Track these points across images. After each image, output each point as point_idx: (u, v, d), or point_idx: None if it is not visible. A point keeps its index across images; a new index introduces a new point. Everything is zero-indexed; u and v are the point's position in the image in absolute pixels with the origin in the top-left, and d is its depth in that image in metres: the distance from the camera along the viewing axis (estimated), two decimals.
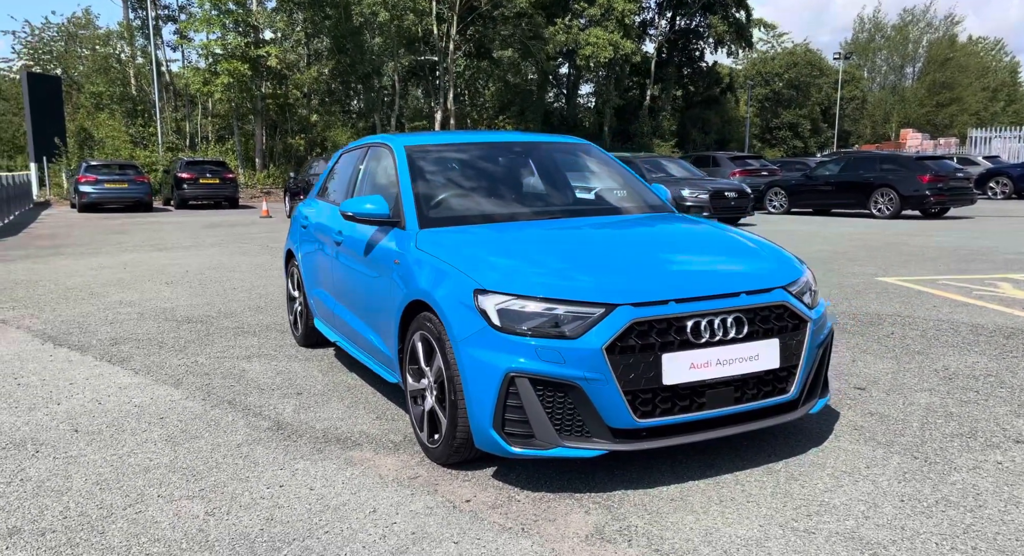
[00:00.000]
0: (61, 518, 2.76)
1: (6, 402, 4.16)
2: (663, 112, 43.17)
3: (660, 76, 44.25)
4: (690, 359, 2.89)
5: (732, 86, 51.96)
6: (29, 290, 8.06)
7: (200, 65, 28.83)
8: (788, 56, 60.68)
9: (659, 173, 16.68)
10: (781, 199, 19.58)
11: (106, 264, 10.21)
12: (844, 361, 4.79)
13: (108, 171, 21.75)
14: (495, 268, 3.06)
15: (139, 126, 30.30)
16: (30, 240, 14.18)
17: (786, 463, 3.22)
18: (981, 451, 3.30)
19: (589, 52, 33.01)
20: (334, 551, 2.51)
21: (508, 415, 2.87)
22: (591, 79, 41.79)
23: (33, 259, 10.97)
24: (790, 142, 58.31)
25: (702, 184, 15.63)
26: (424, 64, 32.80)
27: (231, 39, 26.56)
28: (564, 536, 2.62)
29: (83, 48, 37.18)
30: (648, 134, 39.63)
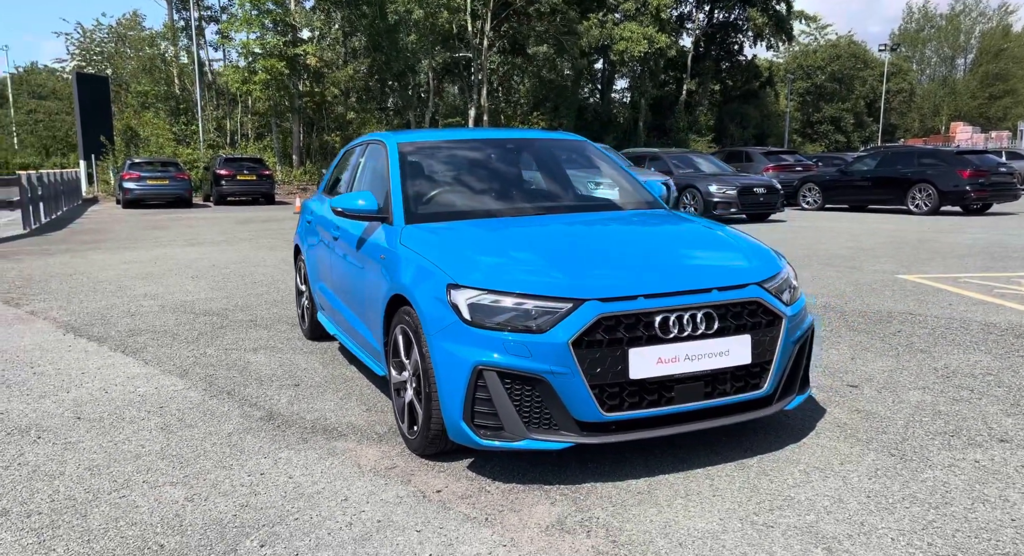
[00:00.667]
0: (49, 501, 2.90)
1: (19, 390, 4.36)
2: (700, 107, 42.72)
3: (697, 70, 43.78)
4: (657, 354, 2.92)
5: (771, 80, 51.18)
6: (62, 283, 8.36)
7: (240, 64, 29.40)
8: (831, 48, 59.55)
9: (687, 169, 16.57)
10: (815, 195, 19.26)
11: (139, 259, 10.52)
12: (843, 358, 4.75)
13: (151, 168, 22.34)
14: (469, 263, 3.13)
15: (182, 124, 31.05)
16: (73, 235, 14.66)
17: (760, 459, 3.23)
18: (961, 450, 3.27)
19: (623, 47, 32.82)
20: (300, 537, 2.60)
21: (477, 407, 2.93)
22: (626, 74, 41.51)
23: (72, 253, 11.35)
24: (832, 137, 57.25)
25: (730, 180, 15.48)
26: (459, 61, 32.98)
27: (269, 38, 27.06)
28: (525, 526, 2.68)
29: (131, 49, 38.16)
30: (684, 129, 39.26)
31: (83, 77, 28.33)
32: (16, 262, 10.33)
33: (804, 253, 10.18)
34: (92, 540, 2.58)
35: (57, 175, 20.59)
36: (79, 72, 28.72)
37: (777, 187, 15.78)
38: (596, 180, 4.63)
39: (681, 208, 15.67)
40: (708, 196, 15.11)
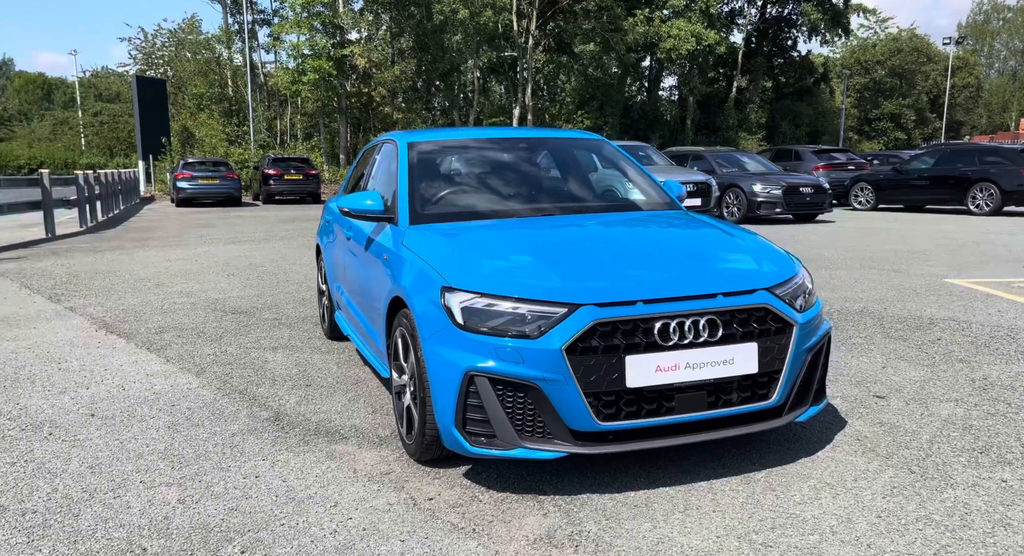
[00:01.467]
0: (45, 500, 2.92)
1: (42, 385, 4.44)
2: (750, 104, 41.83)
3: (748, 67, 42.91)
4: (656, 362, 2.80)
5: (827, 76, 49.89)
6: (105, 280, 8.57)
7: (290, 65, 29.95)
8: (891, 42, 57.77)
9: (731, 168, 16.22)
10: (868, 195, 18.68)
11: (182, 256, 10.74)
12: (873, 367, 4.54)
13: (203, 168, 22.90)
14: (464, 266, 3.05)
15: (234, 125, 31.77)
16: (125, 232, 15.07)
17: (768, 472, 3.08)
18: (989, 468, 3.07)
19: (670, 45, 32.30)
20: (283, 543, 2.57)
21: (469, 414, 2.86)
22: (674, 71, 40.88)
23: (120, 251, 11.65)
24: (891, 134, 55.54)
25: (776, 179, 15.10)
26: (504, 60, 32.94)
27: (318, 39, 27.48)
28: (513, 538, 2.60)
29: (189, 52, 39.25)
30: (734, 127, 38.49)
31: (142, 80, 29.22)
32: (67, 259, 10.64)
33: (847, 255, 9.85)
34: (79, 541, 2.59)
35: (115, 175, 21.22)
36: (139, 76, 29.65)
37: (825, 187, 15.34)
38: (614, 181, 4.48)
39: (724, 208, 15.35)
40: (752, 196, 14.77)
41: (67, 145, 51.97)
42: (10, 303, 7.16)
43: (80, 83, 58.64)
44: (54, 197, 14.81)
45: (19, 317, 6.48)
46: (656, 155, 15.77)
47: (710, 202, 13.77)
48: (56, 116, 59.50)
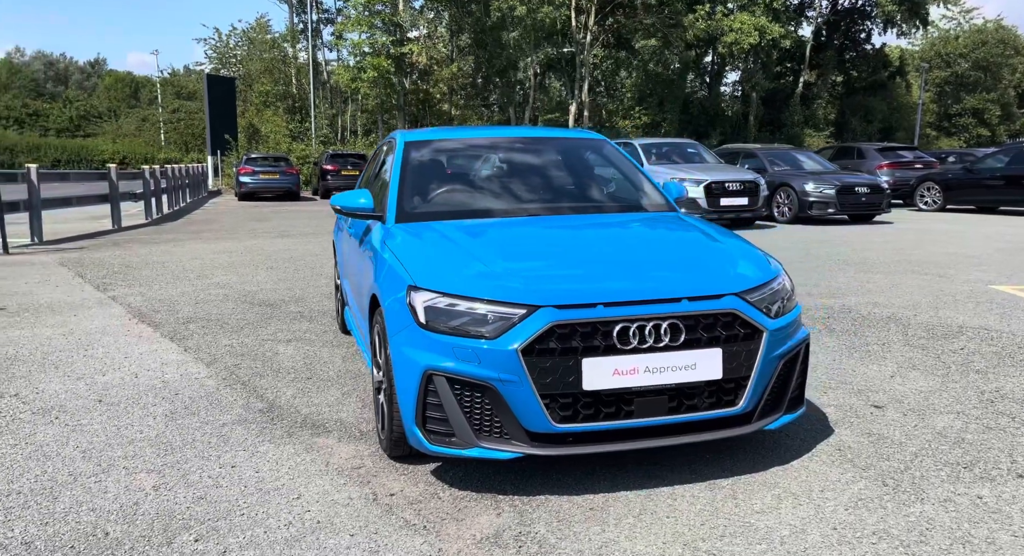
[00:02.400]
0: (32, 482, 3.09)
1: (64, 371, 4.68)
2: (818, 100, 40.54)
3: (817, 61, 41.56)
4: (614, 365, 2.79)
5: (903, 69, 47.97)
6: (152, 270, 8.94)
7: (350, 63, 30.57)
8: (975, 34, 55.16)
9: (784, 166, 15.83)
10: (935, 194, 17.96)
11: (229, 249, 11.10)
12: (881, 375, 4.40)
13: (264, 163, 23.59)
14: (431, 265, 3.09)
15: (297, 121, 32.61)
16: (185, 225, 15.67)
17: (735, 480, 3.03)
18: (968, 483, 2.95)
19: (732, 39, 31.57)
20: (236, 534, 2.65)
21: (429, 413, 2.90)
22: (736, 66, 39.94)
23: (175, 242, 12.12)
24: (973, 130, 53.07)
25: (829, 178, 14.66)
26: (562, 56, 32.84)
27: (378, 37, 27.97)
28: (460, 537, 2.63)
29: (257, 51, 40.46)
30: (799, 123, 37.37)
31: (213, 78, 30.26)
32: (124, 249, 11.13)
33: (895, 258, 9.52)
34: (50, 523, 2.73)
35: (183, 169, 22.06)
36: (209, 74, 30.71)
37: (883, 186, 14.83)
38: (609, 181, 4.45)
39: (775, 208, 14.99)
40: (803, 195, 14.39)
41: (148, 141, 54.35)
42: (61, 291, 7.54)
43: (161, 82, 61.15)
44: (121, 190, 15.51)
45: (64, 304, 6.82)
46: (705, 152, 15.52)
47: (757, 201, 13.48)
48: (140, 113, 62.22)
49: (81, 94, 79.16)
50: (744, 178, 13.57)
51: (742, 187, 13.38)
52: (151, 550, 2.53)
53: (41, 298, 7.17)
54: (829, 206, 14.30)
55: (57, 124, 62.29)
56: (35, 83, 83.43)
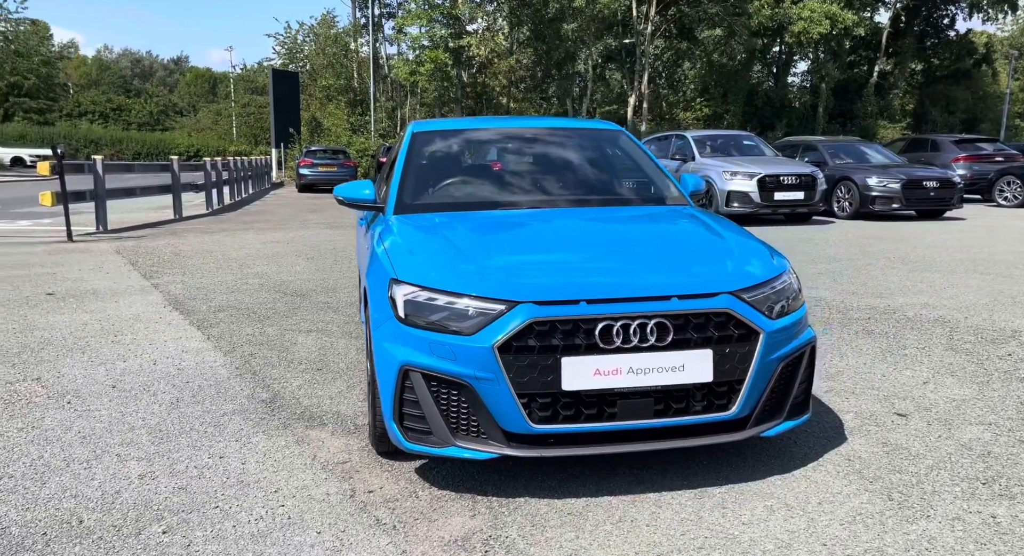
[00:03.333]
0: (28, 465, 3.14)
1: (89, 356, 4.79)
2: (894, 90, 38.88)
3: (894, 49, 39.85)
4: (595, 365, 2.66)
5: (989, 57, 45.63)
6: (199, 259, 9.15)
7: (409, 57, 30.87)
8: None
9: (846, 159, 15.22)
10: (1016, 189, 16.99)
11: (277, 239, 11.30)
12: (914, 382, 4.14)
13: (323, 156, 24.04)
14: (414, 258, 3.02)
15: (358, 114, 33.09)
16: (242, 216, 16.05)
17: (729, 488, 2.87)
18: (984, 501, 2.72)
19: (800, 27, 30.48)
20: (205, 527, 2.63)
21: (406, 409, 2.83)
22: (806, 55, 38.56)
23: (228, 232, 12.41)
24: None
25: (895, 172, 14.01)
26: (621, 48, 32.35)
27: (437, 30, 28.12)
28: (428, 538, 2.55)
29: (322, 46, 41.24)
30: (872, 115, 35.90)
31: (277, 73, 30.97)
32: (179, 239, 11.45)
33: (957, 256, 9.02)
34: (31, 508, 2.76)
35: (246, 161, 22.61)
36: (274, 69, 31.45)
37: (954, 181, 14.09)
38: (620, 173, 4.29)
39: (834, 202, 14.42)
40: (865, 189, 13.80)
41: (220, 134, 56.14)
42: (109, 278, 7.78)
43: (235, 77, 63.03)
44: (184, 181, 15.98)
45: (109, 291, 7.02)
46: (762, 145, 15.05)
47: (814, 196, 12.98)
48: (215, 108, 64.34)
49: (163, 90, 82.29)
50: (801, 171, 13.08)
51: (798, 181, 12.91)
52: (118, 540, 2.53)
53: (90, 284, 7.40)
54: (893, 201, 13.68)
55: (138, 119, 64.86)
56: (122, 80, 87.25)
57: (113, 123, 61.38)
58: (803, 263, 8.58)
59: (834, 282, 7.32)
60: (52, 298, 6.71)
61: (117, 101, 66.11)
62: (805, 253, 9.54)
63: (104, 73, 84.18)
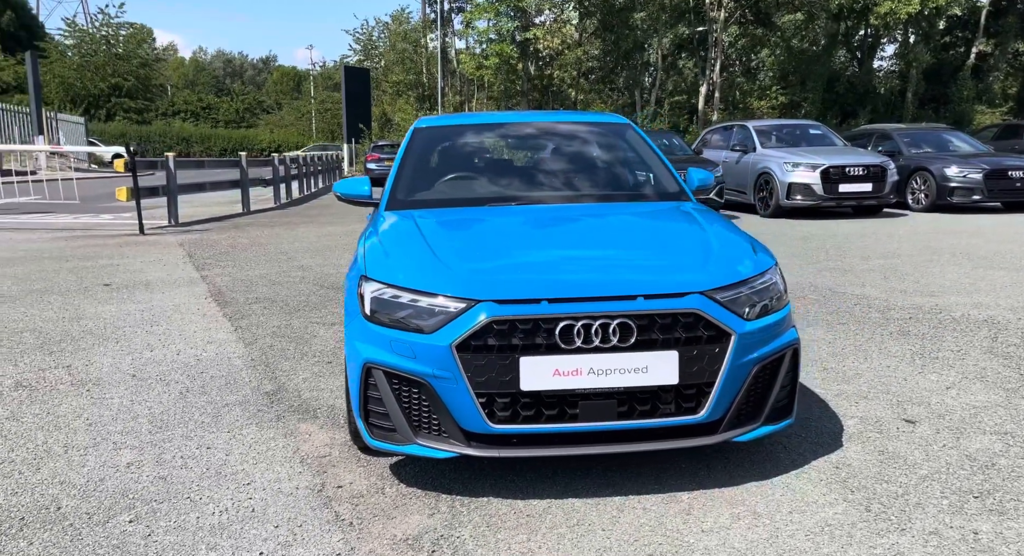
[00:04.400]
0: (29, 451, 3.30)
1: (121, 345, 5.01)
2: (994, 72, 36.57)
3: (995, 28, 37.45)
4: (554, 365, 2.61)
5: None
6: (251, 252, 9.45)
7: (477, 50, 31.01)
8: None
9: (924, 148, 14.45)
10: None
11: (332, 232, 11.54)
12: (936, 386, 3.90)
13: (390, 150, 24.43)
14: (386, 255, 3.02)
15: (426, 109, 33.49)
16: (306, 209, 16.48)
17: (699, 494, 2.77)
18: (969, 516, 2.54)
19: (886, 9, 28.95)
20: (170, 517, 2.67)
21: (371, 407, 2.84)
22: (894, 38, 36.63)
23: (288, 226, 12.76)
24: None
25: (977, 162, 13.22)
26: (693, 36, 31.57)
27: (504, 24, 28.14)
28: (380, 536, 2.55)
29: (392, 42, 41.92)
30: (969, 99, 33.86)
31: (350, 70, 31.70)
32: (240, 232, 11.84)
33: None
34: (19, 493, 2.89)
35: (316, 156, 23.21)
36: (346, 66, 32.24)
37: None
38: (620, 168, 4.18)
39: (908, 194, 13.73)
40: (943, 180, 13.08)
41: (300, 130, 57.87)
42: (165, 269, 8.12)
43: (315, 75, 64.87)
44: (252, 177, 16.52)
45: (160, 282, 7.33)
46: (831, 134, 14.45)
47: (884, 188, 12.39)
48: (296, 105, 66.42)
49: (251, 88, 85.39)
50: (869, 162, 12.50)
51: (866, 172, 12.35)
52: (86, 528, 2.62)
53: (145, 276, 7.74)
54: (974, 192, 12.91)
55: (226, 116, 67.48)
56: (215, 79, 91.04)
57: (203, 121, 64.03)
58: (855, 259, 8.22)
59: (883, 279, 6.97)
60: (107, 289, 7.04)
61: (207, 100, 68.94)
62: (862, 248, 9.12)
63: (200, 74, 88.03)
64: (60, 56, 54.37)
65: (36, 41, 54.52)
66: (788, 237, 10.39)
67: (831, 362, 4.36)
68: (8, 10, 60.07)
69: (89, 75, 53.82)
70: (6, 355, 4.81)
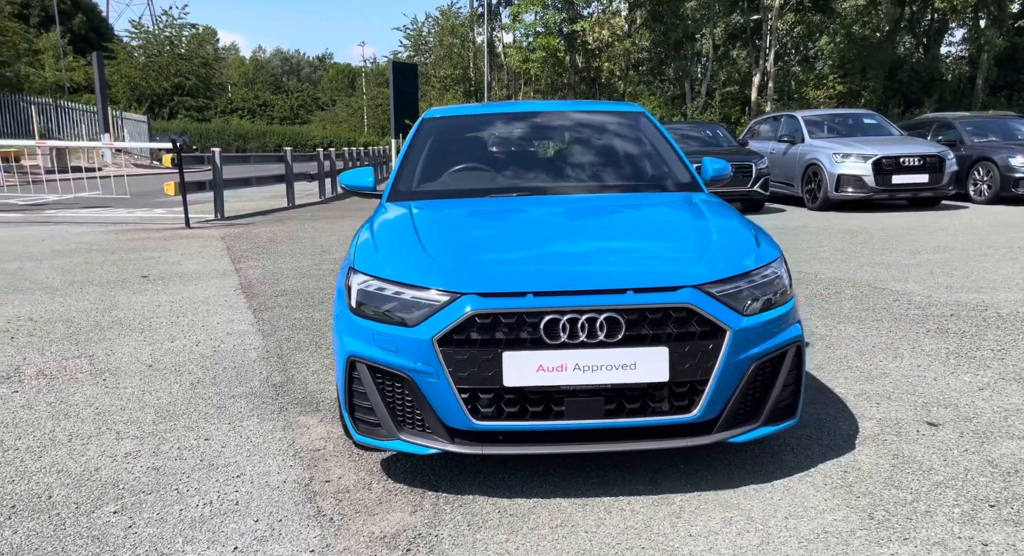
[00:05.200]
0: (35, 439, 3.33)
1: (145, 336, 5.08)
2: None
3: None
4: (538, 360, 2.51)
5: None
6: (287, 245, 9.55)
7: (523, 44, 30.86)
8: None
9: (988, 137, 13.79)
10: None
11: None
12: (969, 388, 3.68)
13: None
14: (375, 247, 2.97)
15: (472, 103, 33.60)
16: (349, 204, 16.61)
17: (693, 496, 2.64)
18: (981, 526, 2.36)
19: None
20: (154, 509, 2.65)
21: (356, 401, 2.79)
22: (963, 22, 35.07)
23: (329, 219, 12.88)
24: None
25: None
26: (746, 25, 30.79)
27: (550, 16, 27.93)
28: (358, 533, 2.50)
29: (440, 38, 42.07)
30: None
31: (397, 65, 31.81)
32: (282, 225, 12.00)
33: None
34: (16, 481, 2.91)
35: (362, 151, 23.45)
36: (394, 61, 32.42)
37: None
38: (631, 158, 4.03)
39: (970, 185, 13.14)
40: (1007, 170, 12.47)
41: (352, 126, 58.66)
42: (203, 262, 8.26)
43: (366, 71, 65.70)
44: (298, 171, 16.75)
45: (195, 274, 7.45)
46: (887, 124, 13.91)
47: (941, 178, 11.87)
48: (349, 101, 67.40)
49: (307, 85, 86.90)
50: (925, 152, 11.99)
51: (921, 162, 11.85)
52: (70, 518, 2.63)
53: (183, 268, 7.88)
54: None
55: (281, 113, 68.89)
56: (274, 77, 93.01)
57: (259, 118, 65.46)
58: (903, 253, 7.88)
59: (929, 274, 6.65)
60: (144, 280, 7.18)
61: (263, 97, 70.49)
62: (912, 242, 8.75)
63: (259, 72, 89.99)
64: (127, 57, 56.19)
65: (105, 42, 56.43)
66: (834, 231, 10.04)
67: (857, 361, 4.15)
68: (80, 13, 62.35)
69: (153, 74, 55.51)
70: (36, 344, 4.92)
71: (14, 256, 8.86)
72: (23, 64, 39.70)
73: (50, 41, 52.63)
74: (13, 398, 3.89)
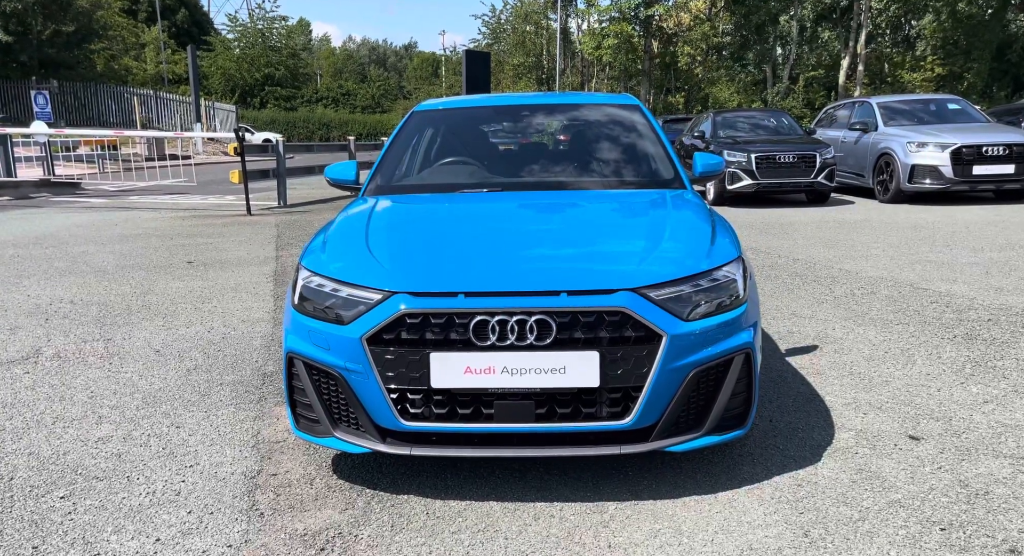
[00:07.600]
0: (23, 421, 3.47)
1: (165, 321, 5.24)
2: None
3: None
4: (466, 362, 2.46)
5: None
6: None
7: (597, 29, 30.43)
8: None
9: None
10: None
11: None
12: (973, 401, 3.41)
13: None
14: (324, 244, 2.97)
15: (544, 90, 33.33)
16: None
17: (630, 505, 2.53)
18: (923, 550, 2.17)
19: None
20: (99, 496, 2.69)
21: (296, 396, 2.79)
22: None
23: None
24: None
25: None
26: (835, 4, 29.38)
27: (626, 1, 27.42)
28: (280, 530, 2.50)
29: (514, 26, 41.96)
30: None
31: (470, 54, 31.93)
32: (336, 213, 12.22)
33: None
34: None
35: None
36: (467, 50, 32.61)
37: None
38: (621, 153, 3.88)
39: None
40: None
41: None
42: (250, 248, 8.49)
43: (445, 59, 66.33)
44: (362, 160, 17.06)
45: (238, 260, 7.67)
46: (972, 110, 13.05)
47: None
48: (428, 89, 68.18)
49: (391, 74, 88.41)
50: (1012, 141, 11.16)
51: (1007, 152, 11.04)
52: (20, 501, 2.71)
53: (228, 254, 8.12)
54: None
55: (362, 102, 70.23)
56: (361, 66, 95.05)
57: (342, 107, 66.96)
58: (963, 251, 7.38)
59: (984, 274, 6.21)
60: (188, 266, 7.44)
61: (346, 87, 72.00)
62: (978, 239, 8.19)
63: (348, 62, 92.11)
64: (224, 49, 58.45)
65: (204, 36, 58.82)
66: (897, 225, 9.50)
67: (863, 366, 3.91)
68: (183, 8, 65.11)
69: (246, 66, 57.53)
70: (65, 326, 5.16)
71: (84, 240, 9.33)
72: (129, 57, 41.91)
73: (152, 35, 55.24)
74: (22, 379, 4.08)
